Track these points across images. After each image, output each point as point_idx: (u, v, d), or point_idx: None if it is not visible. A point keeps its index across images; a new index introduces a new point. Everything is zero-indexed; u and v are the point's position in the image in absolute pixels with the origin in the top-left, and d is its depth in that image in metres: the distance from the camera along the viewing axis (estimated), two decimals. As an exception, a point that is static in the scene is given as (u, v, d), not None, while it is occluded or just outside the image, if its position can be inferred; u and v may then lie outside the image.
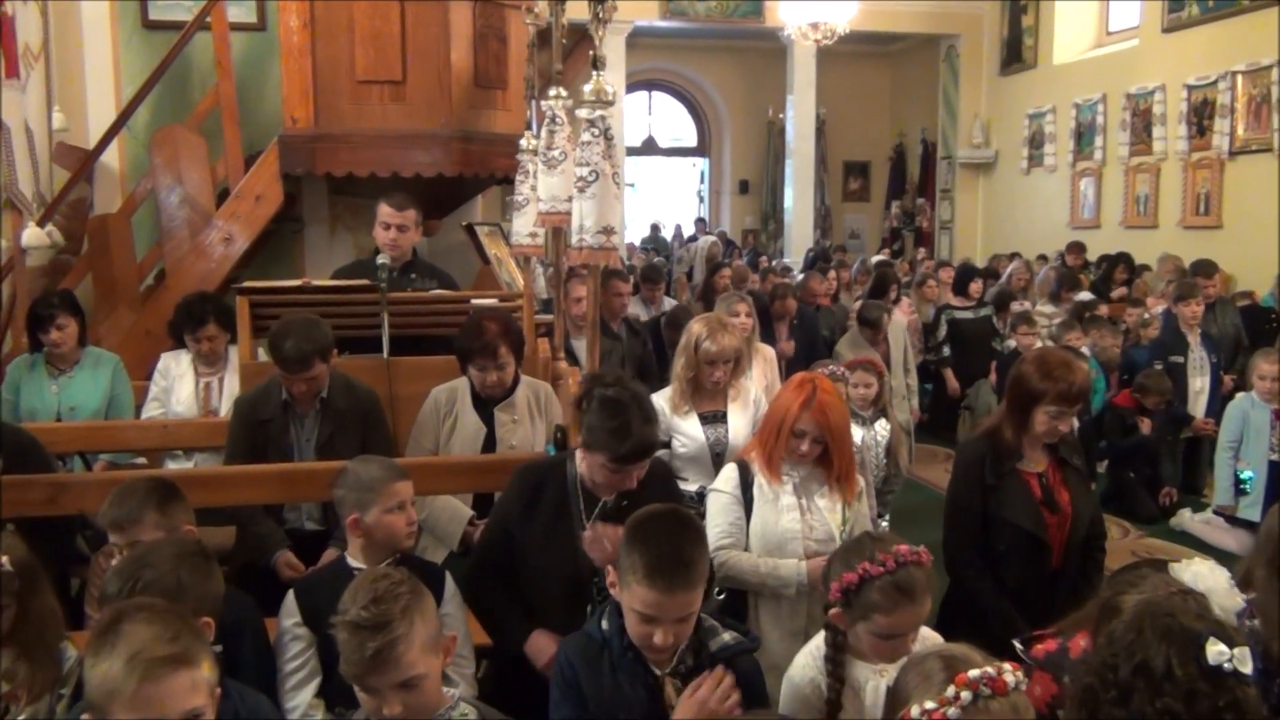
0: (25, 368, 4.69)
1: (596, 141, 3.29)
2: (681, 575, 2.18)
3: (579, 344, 5.40)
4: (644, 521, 2.29)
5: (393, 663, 1.94)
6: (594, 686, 2.32)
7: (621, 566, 2.26)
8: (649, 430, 2.72)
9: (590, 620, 2.46)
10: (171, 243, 5.76)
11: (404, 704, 1.95)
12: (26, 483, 3.38)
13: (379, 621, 1.95)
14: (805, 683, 2.45)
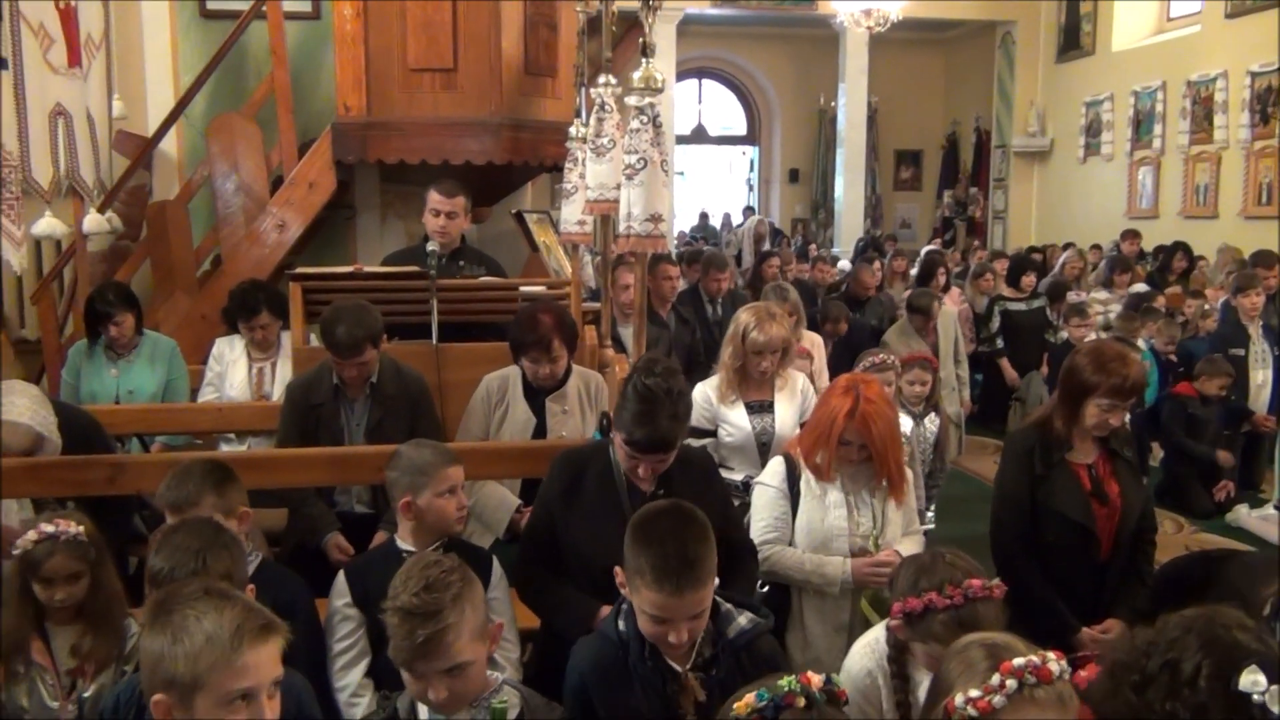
0: (85, 353, 4.80)
1: (645, 129, 3.29)
2: (689, 575, 2.15)
3: (626, 331, 5.41)
4: (647, 521, 2.25)
5: (441, 650, 1.97)
6: (606, 691, 2.30)
7: (628, 568, 2.23)
8: (672, 426, 2.67)
9: (605, 620, 2.44)
10: (227, 229, 5.85)
11: (449, 689, 1.98)
12: (88, 462, 3.46)
13: (430, 610, 1.98)
14: (862, 674, 2.46)
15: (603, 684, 2.30)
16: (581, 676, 2.33)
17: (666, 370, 2.73)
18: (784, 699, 1.64)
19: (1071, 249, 10.86)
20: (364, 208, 6.31)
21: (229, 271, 5.68)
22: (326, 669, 2.74)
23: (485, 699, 2.06)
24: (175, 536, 2.41)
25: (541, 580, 2.89)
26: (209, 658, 1.67)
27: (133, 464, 3.61)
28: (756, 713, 1.63)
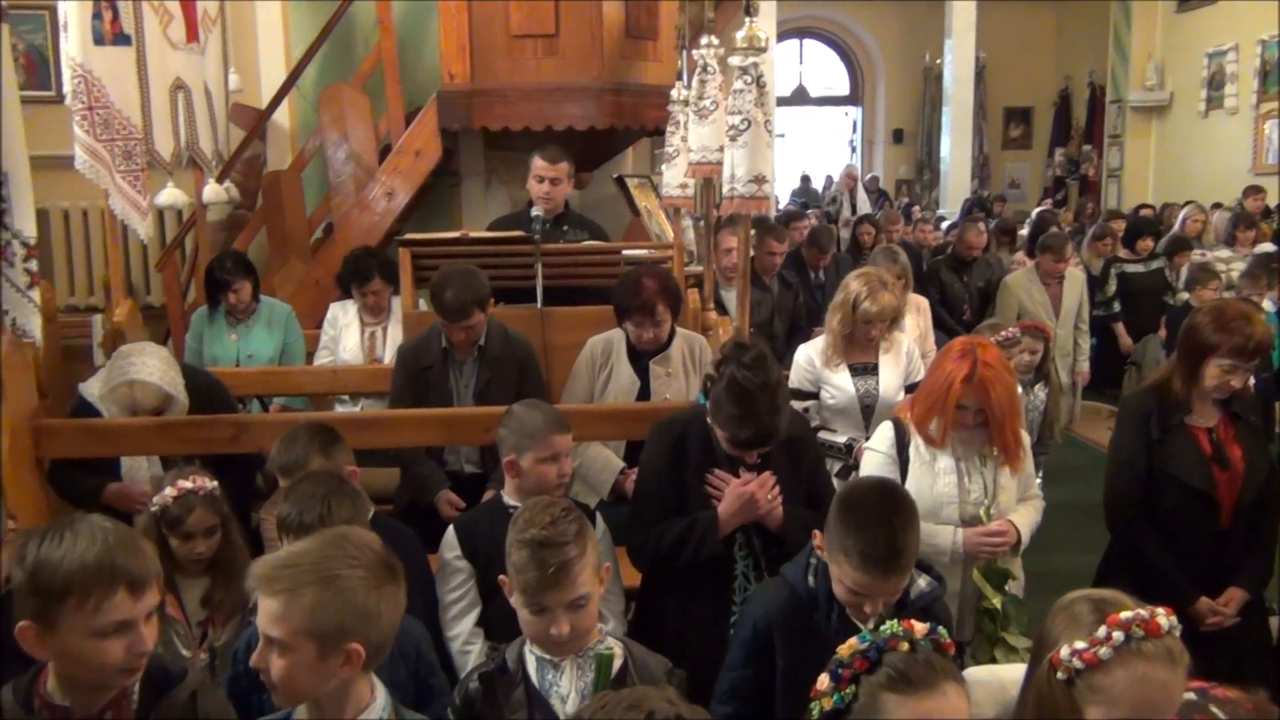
0: (206, 318, 5.00)
1: (749, 89, 3.26)
2: (896, 562, 2.20)
3: (728, 295, 5.40)
4: (856, 501, 2.27)
5: (569, 581, 2.02)
6: (791, 643, 2.33)
7: (832, 541, 2.26)
8: (773, 420, 2.68)
9: (790, 568, 2.45)
10: (338, 197, 6.00)
11: (571, 624, 2.03)
12: (213, 422, 3.62)
13: (559, 540, 2.04)
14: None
15: (787, 635, 2.34)
16: (768, 622, 2.37)
17: (758, 359, 2.70)
18: (887, 642, 1.64)
19: (1191, 205, 10.40)
20: (469, 174, 6.40)
21: (340, 239, 5.83)
22: (438, 618, 2.83)
23: (591, 649, 2.10)
24: (302, 485, 2.51)
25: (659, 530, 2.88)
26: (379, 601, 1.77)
27: (254, 423, 3.76)
28: (860, 655, 1.64)
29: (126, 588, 1.73)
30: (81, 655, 1.73)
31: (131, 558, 1.76)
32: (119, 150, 4.24)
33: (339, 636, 1.71)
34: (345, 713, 1.78)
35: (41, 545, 1.74)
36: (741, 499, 2.78)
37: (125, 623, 1.74)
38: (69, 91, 4.11)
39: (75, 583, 1.70)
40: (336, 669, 1.72)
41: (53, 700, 1.78)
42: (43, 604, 1.72)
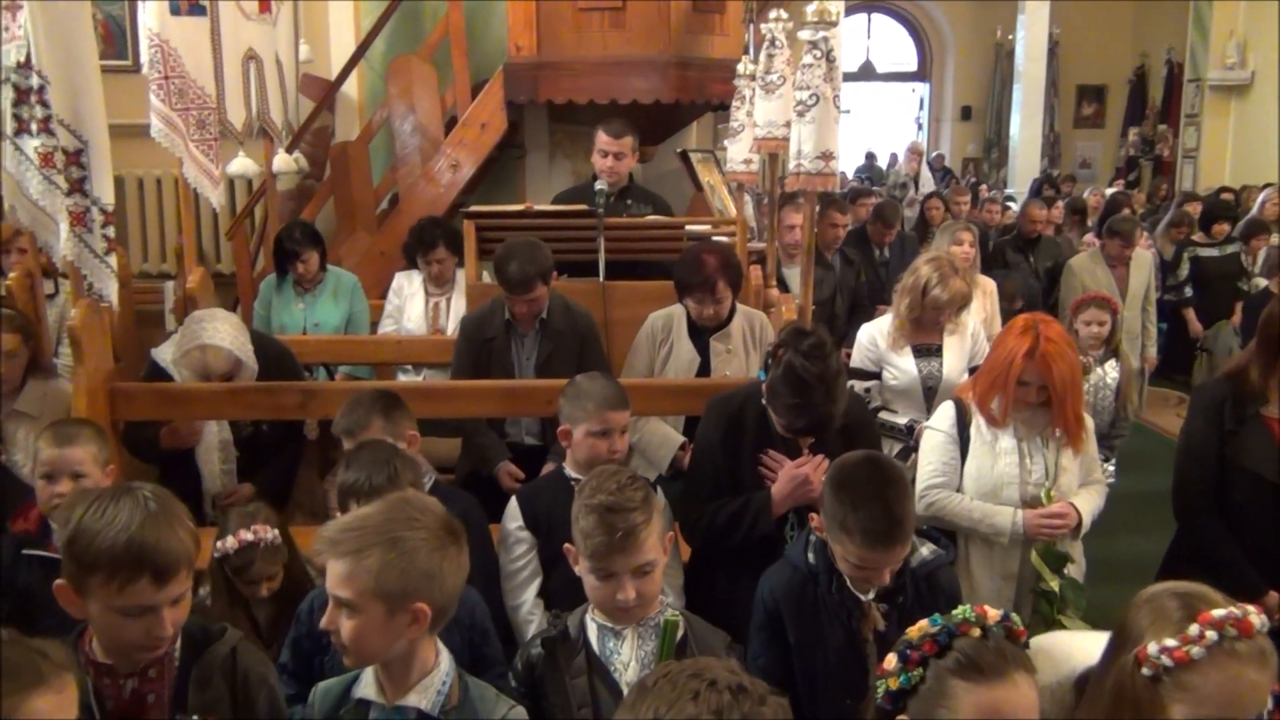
0: (275, 287, 5.08)
1: (818, 64, 3.24)
2: (896, 534, 2.21)
3: (790, 272, 5.37)
4: (849, 478, 2.27)
5: (635, 545, 2.05)
6: (798, 617, 2.37)
7: (830, 519, 2.27)
8: (829, 410, 2.67)
9: (791, 547, 2.49)
10: (404, 169, 6.06)
11: (637, 590, 2.05)
12: (281, 388, 3.69)
13: (626, 505, 2.07)
14: None
15: (794, 610, 2.37)
16: (775, 602, 2.39)
17: (816, 346, 2.67)
18: (958, 627, 1.63)
19: (1271, 188, 10.08)
20: (533, 147, 6.43)
21: (405, 210, 5.88)
22: (498, 586, 2.87)
23: (652, 619, 2.12)
24: (362, 454, 2.55)
25: (712, 507, 2.89)
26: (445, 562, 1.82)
27: (320, 391, 3.83)
28: (929, 638, 1.62)
29: (151, 575, 1.76)
30: (104, 626, 1.80)
31: (162, 544, 1.78)
32: (193, 119, 4.32)
33: (405, 597, 1.74)
34: (411, 675, 1.81)
35: (86, 512, 1.79)
36: (795, 481, 2.78)
37: (147, 607, 1.78)
38: (146, 61, 4.20)
39: (103, 562, 1.75)
40: (404, 629, 1.76)
41: (97, 657, 1.85)
42: (76, 570, 1.78)
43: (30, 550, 2.65)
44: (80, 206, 3.33)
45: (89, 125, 3.32)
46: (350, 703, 1.86)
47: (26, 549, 2.66)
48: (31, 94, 3.22)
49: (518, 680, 2.15)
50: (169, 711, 1.82)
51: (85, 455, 2.71)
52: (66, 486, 2.64)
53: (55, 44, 3.22)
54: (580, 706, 2.08)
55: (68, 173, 3.30)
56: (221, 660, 1.90)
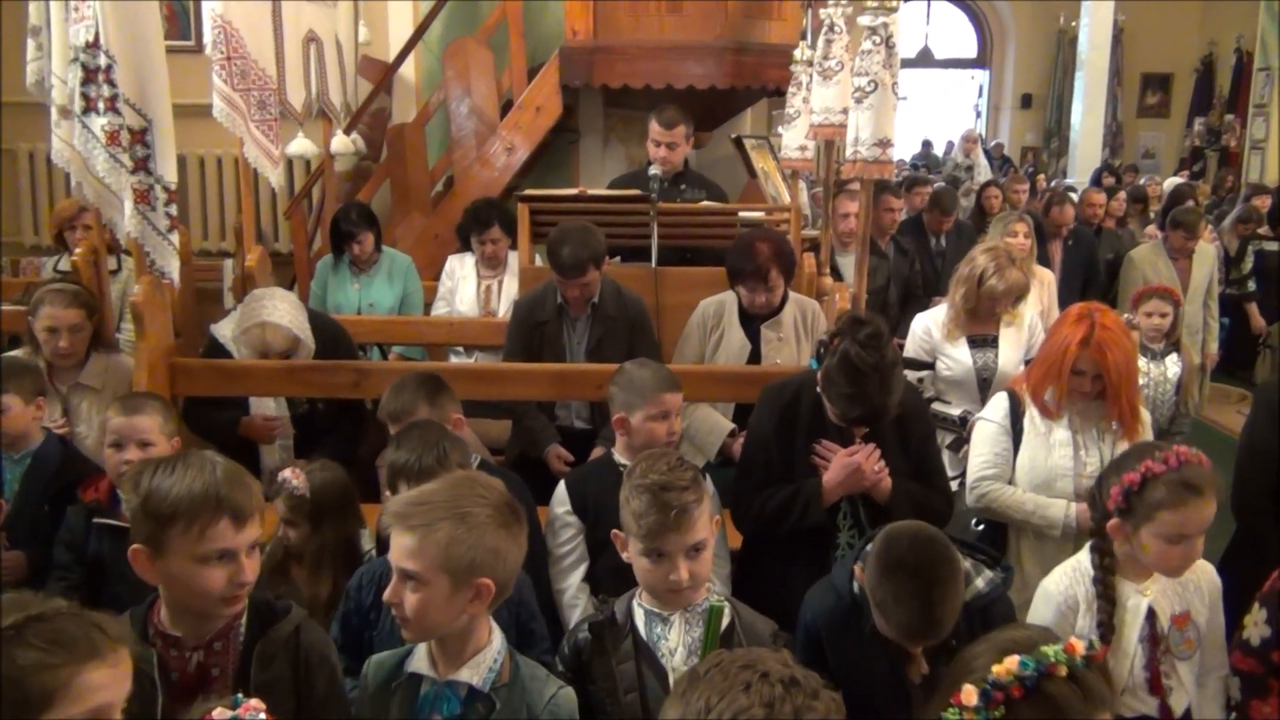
0: (331, 267, 5.15)
1: (877, 50, 3.20)
2: (933, 633, 2.10)
3: (844, 260, 5.33)
4: (899, 560, 2.11)
5: (689, 524, 2.06)
6: (839, 646, 2.31)
7: (872, 592, 2.15)
8: (884, 400, 2.65)
9: (838, 570, 2.42)
10: (460, 151, 6.09)
11: (690, 570, 2.06)
12: (336, 367, 3.74)
13: (681, 484, 2.08)
14: (1064, 599, 2.41)
15: (834, 637, 2.33)
16: (817, 627, 2.36)
17: (873, 336, 2.65)
18: (1048, 668, 1.59)
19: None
20: (587, 131, 6.43)
21: (460, 193, 5.92)
22: (542, 567, 2.88)
23: (700, 604, 2.13)
24: (412, 435, 2.57)
25: (764, 494, 2.89)
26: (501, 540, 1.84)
27: (374, 370, 3.88)
28: (1019, 681, 1.58)
29: (230, 518, 1.80)
30: (187, 580, 1.81)
31: (236, 490, 1.83)
32: (254, 100, 4.37)
33: (471, 571, 1.77)
34: (465, 651, 1.84)
35: (155, 475, 1.83)
36: (847, 469, 2.77)
37: (227, 551, 1.81)
38: (209, 42, 4.26)
39: (182, 509, 1.78)
40: (467, 604, 1.78)
41: (165, 629, 1.88)
42: (153, 529, 1.81)
43: (101, 519, 2.72)
44: (144, 184, 3.40)
45: (154, 105, 3.38)
46: (403, 676, 1.88)
47: (97, 518, 2.73)
48: (99, 73, 3.29)
49: (564, 664, 2.16)
50: (232, 686, 1.85)
51: (152, 424, 2.77)
52: (134, 454, 2.70)
53: (122, 24, 3.28)
54: (627, 691, 2.08)
55: (133, 151, 3.37)
56: (285, 638, 1.93)
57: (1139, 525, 2.29)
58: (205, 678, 1.87)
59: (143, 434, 2.75)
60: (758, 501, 2.88)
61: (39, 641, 1.37)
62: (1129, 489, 2.29)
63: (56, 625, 1.39)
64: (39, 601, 1.43)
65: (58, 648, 1.37)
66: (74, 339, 3.54)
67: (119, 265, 4.86)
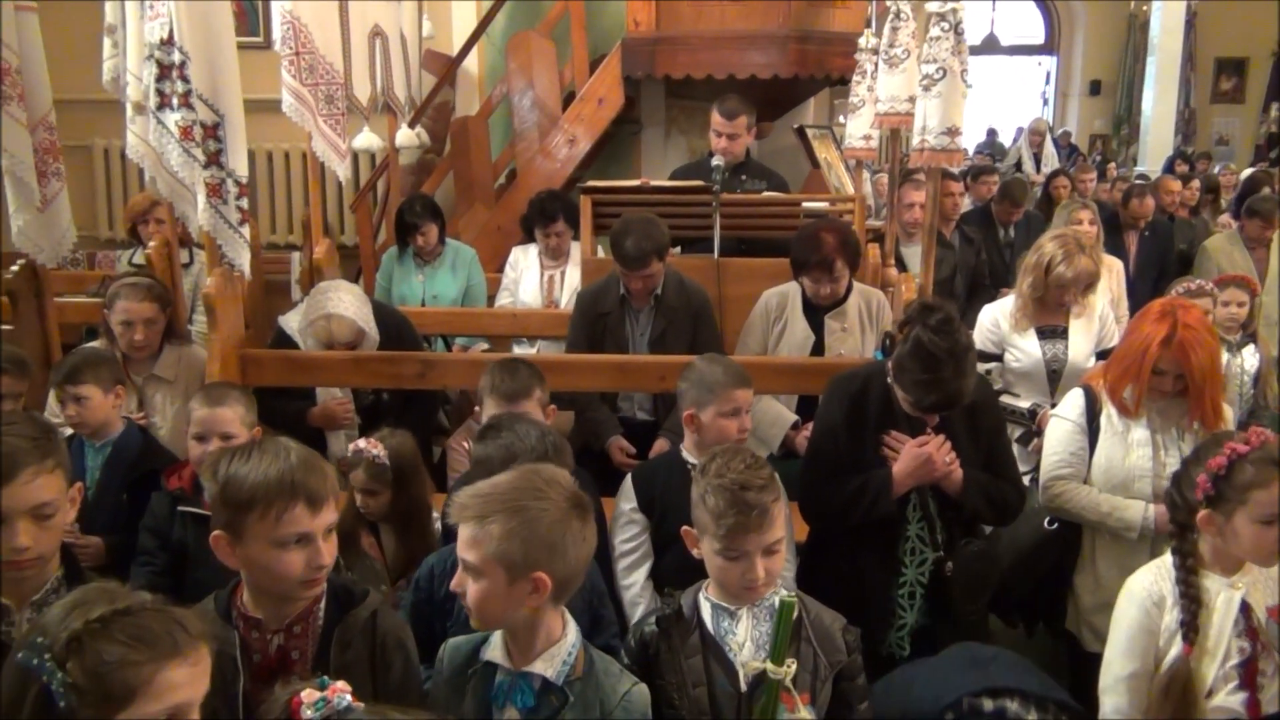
0: (396, 259, 5.20)
1: (946, 37, 3.17)
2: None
3: (908, 250, 5.26)
4: None
5: (768, 523, 2.04)
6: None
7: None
8: (958, 385, 2.61)
9: None
10: (522, 144, 6.13)
11: (766, 568, 2.05)
12: (401, 358, 3.79)
13: (760, 483, 2.06)
14: (1148, 594, 2.37)
15: None
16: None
17: (945, 321, 2.62)
18: None
19: None
20: (649, 123, 6.43)
21: (522, 185, 5.96)
22: (605, 561, 2.87)
23: (769, 598, 2.11)
24: (518, 426, 2.52)
25: (833, 485, 2.85)
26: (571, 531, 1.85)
27: (440, 362, 3.92)
28: None
29: (305, 502, 1.83)
30: (266, 564, 1.84)
31: (311, 475, 1.86)
32: (321, 94, 4.42)
33: (525, 566, 1.77)
34: (537, 643, 1.85)
35: (232, 462, 1.87)
36: (917, 459, 2.73)
37: (304, 535, 1.84)
38: (278, 37, 4.31)
39: (259, 495, 1.81)
40: (524, 597, 1.79)
41: (247, 612, 1.92)
42: (231, 515, 1.85)
43: (185, 507, 2.78)
44: (216, 178, 3.46)
45: (226, 100, 3.44)
46: (479, 664, 1.90)
47: (181, 506, 2.79)
48: (173, 70, 3.35)
49: (631, 658, 2.15)
50: (311, 668, 1.88)
51: (234, 416, 2.84)
52: (216, 446, 2.75)
53: (195, 21, 3.34)
54: (695, 685, 2.07)
55: (205, 146, 3.42)
56: (363, 623, 1.95)
57: (1231, 511, 2.25)
58: (285, 660, 1.91)
59: (225, 426, 2.82)
60: (826, 492, 2.85)
61: (123, 637, 1.39)
62: (1216, 474, 2.25)
63: (141, 621, 1.41)
64: (125, 595, 1.45)
65: (141, 644, 1.39)
66: (148, 331, 3.63)
67: (190, 258, 4.96)
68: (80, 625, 1.38)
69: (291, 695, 1.33)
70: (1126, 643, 2.37)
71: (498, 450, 2.40)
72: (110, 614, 1.40)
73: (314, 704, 1.31)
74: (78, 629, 1.38)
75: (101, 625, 1.39)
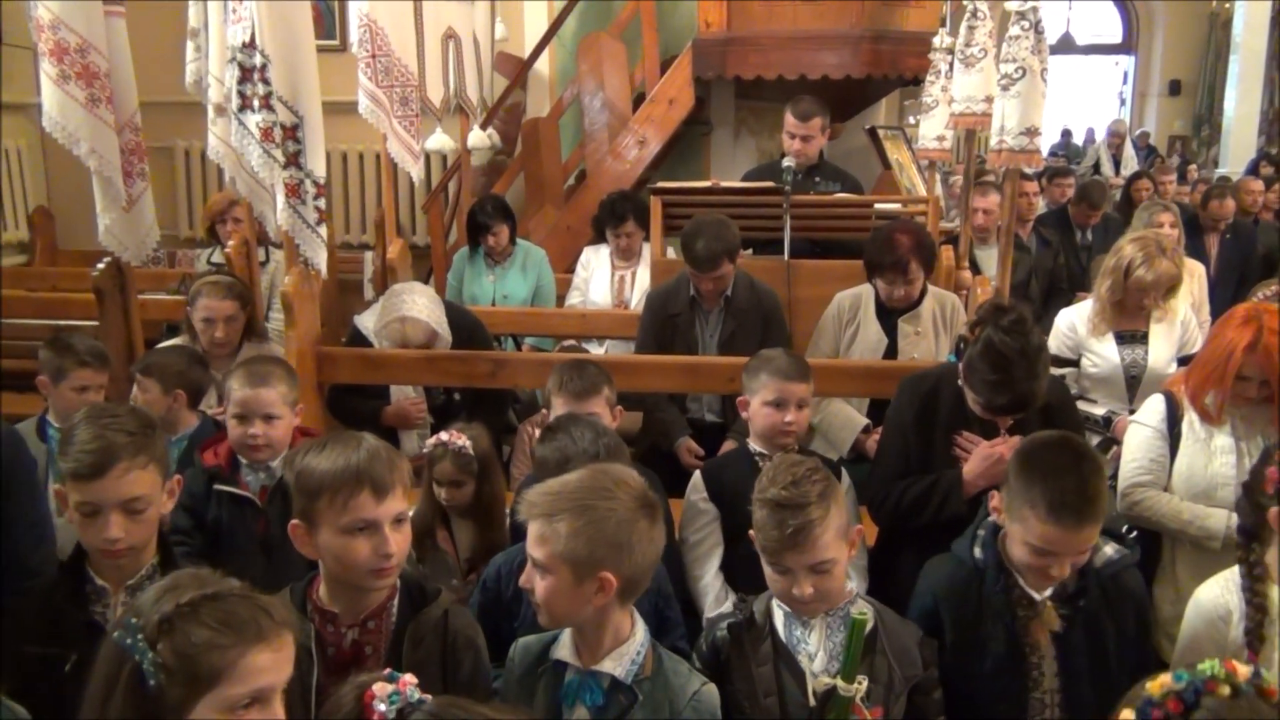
0: (467, 259, 5.26)
1: (1026, 35, 3.11)
2: (1088, 511, 2.08)
3: (982, 253, 5.19)
4: (1039, 451, 2.17)
5: (809, 543, 2.00)
6: (957, 617, 2.27)
7: (1014, 497, 2.15)
8: (1031, 387, 2.57)
9: (958, 543, 2.37)
10: (592, 145, 6.15)
11: (815, 586, 2.01)
12: (473, 357, 3.83)
13: (798, 502, 2.02)
14: (1214, 608, 2.29)
15: (954, 608, 2.28)
16: (934, 597, 2.31)
17: (1017, 322, 2.58)
18: (1206, 684, 1.49)
19: None
20: (719, 124, 6.42)
21: (592, 185, 5.98)
22: (673, 560, 2.86)
23: (842, 609, 2.08)
24: (574, 428, 2.53)
25: (902, 486, 2.83)
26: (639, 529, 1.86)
27: (511, 361, 3.95)
28: (1174, 694, 1.49)
29: (370, 490, 1.87)
30: (336, 552, 1.89)
31: (376, 464, 1.90)
32: (396, 96, 4.49)
33: (591, 565, 1.78)
34: (605, 642, 1.85)
35: (307, 454, 1.94)
36: (989, 460, 2.68)
37: (370, 522, 1.88)
38: (355, 41, 4.39)
39: (327, 483, 1.87)
40: (591, 596, 1.80)
41: (323, 605, 1.96)
42: (304, 504, 1.91)
43: (220, 485, 2.80)
44: (295, 179, 3.52)
45: (305, 102, 3.50)
46: (548, 662, 1.91)
47: (217, 484, 2.80)
48: (254, 72, 3.42)
49: (702, 662, 2.14)
50: (384, 663, 1.90)
51: (276, 396, 2.82)
52: (260, 428, 2.78)
53: (276, 24, 3.40)
54: (766, 694, 2.05)
55: (285, 147, 3.49)
56: (435, 621, 1.98)
57: None
58: (359, 654, 1.94)
59: (268, 407, 2.80)
60: (894, 491, 2.82)
61: (211, 621, 1.43)
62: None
63: (228, 606, 1.45)
64: (215, 581, 1.49)
65: (228, 629, 1.43)
66: (228, 329, 3.71)
67: (267, 256, 5.06)
68: (171, 608, 1.42)
69: (362, 689, 1.35)
70: (1192, 658, 2.31)
71: (553, 452, 2.43)
72: (199, 598, 1.44)
73: (388, 697, 1.33)
74: (169, 611, 1.42)
75: (191, 609, 1.43)
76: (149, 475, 2.05)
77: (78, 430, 2.03)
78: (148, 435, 2.08)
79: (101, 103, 3.54)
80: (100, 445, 1.99)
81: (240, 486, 2.80)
